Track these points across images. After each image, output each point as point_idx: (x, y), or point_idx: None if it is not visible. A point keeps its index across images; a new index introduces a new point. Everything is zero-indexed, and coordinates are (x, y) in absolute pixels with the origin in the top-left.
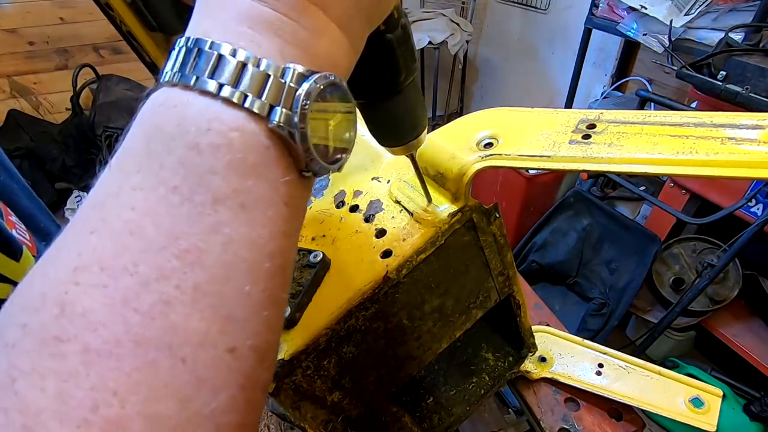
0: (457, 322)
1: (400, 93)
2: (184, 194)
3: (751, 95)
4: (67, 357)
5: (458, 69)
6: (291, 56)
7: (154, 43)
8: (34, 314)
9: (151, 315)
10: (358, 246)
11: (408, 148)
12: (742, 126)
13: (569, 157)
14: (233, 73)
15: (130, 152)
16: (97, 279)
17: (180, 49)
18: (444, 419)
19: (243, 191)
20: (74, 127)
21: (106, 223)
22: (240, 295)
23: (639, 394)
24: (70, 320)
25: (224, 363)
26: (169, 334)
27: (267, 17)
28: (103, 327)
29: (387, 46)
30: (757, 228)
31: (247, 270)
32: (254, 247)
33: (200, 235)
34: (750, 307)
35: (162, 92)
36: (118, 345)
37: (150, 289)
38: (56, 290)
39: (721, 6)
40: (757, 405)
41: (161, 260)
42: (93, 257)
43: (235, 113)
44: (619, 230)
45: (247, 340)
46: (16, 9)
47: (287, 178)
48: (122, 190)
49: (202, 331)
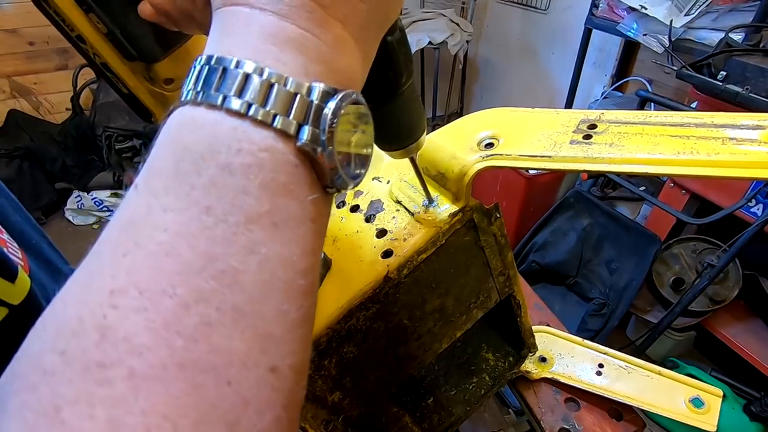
0: (457, 322)
1: (400, 96)
2: (217, 215)
3: (751, 95)
4: (113, 383)
5: (458, 69)
6: (314, 73)
7: (131, 72)
8: (73, 339)
9: (194, 337)
10: (359, 246)
11: (408, 151)
12: (743, 126)
13: (570, 158)
14: (260, 92)
15: (157, 172)
16: (136, 302)
17: (202, 67)
18: (444, 419)
19: (275, 210)
20: (74, 127)
21: (139, 246)
22: (278, 314)
23: (639, 394)
24: (113, 345)
25: (267, 383)
26: (213, 356)
27: (290, 34)
28: (147, 351)
29: (388, 49)
30: (757, 228)
31: (283, 289)
32: (288, 265)
33: (236, 256)
34: (750, 308)
35: (186, 111)
36: (164, 369)
37: (191, 312)
38: (94, 314)
39: (721, 6)
40: (757, 405)
41: (199, 282)
42: (129, 280)
43: (264, 133)
44: (619, 230)
45: (287, 359)
46: (16, 9)
47: (314, 196)
48: (152, 211)
49: (244, 352)
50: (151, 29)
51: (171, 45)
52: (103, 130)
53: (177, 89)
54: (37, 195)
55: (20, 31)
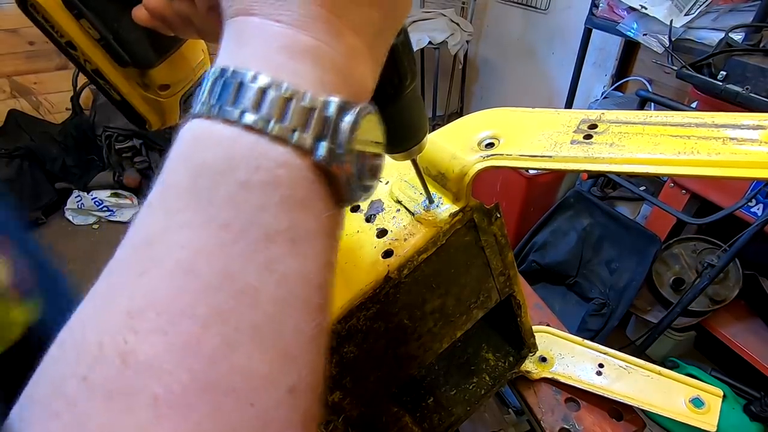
0: (457, 322)
1: (403, 99)
2: (235, 232)
3: (751, 95)
4: (136, 411)
5: (458, 69)
6: (330, 85)
7: (124, 78)
8: (94, 365)
9: (214, 359)
10: (359, 246)
11: (410, 153)
12: (744, 126)
13: (571, 157)
14: (277, 107)
15: (173, 189)
16: (155, 324)
17: (216, 80)
18: (444, 419)
19: (293, 227)
20: (74, 127)
21: (156, 264)
22: (296, 331)
23: (639, 394)
24: (135, 371)
25: (287, 403)
26: (233, 378)
27: (305, 45)
28: (168, 375)
29: (394, 52)
30: (757, 228)
31: (300, 306)
32: (305, 281)
33: (255, 273)
34: (750, 307)
35: (201, 125)
36: (185, 393)
37: (211, 332)
38: (114, 339)
39: (721, 6)
40: (757, 405)
41: (219, 301)
42: (147, 301)
43: (281, 149)
44: (620, 230)
45: (305, 378)
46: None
47: (330, 210)
48: (169, 228)
49: (265, 372)
50: (145, 34)
51: (166, 50)
52: (103, 130)
53: (172, 95)
54: (37, 195)
55: (20, 31)
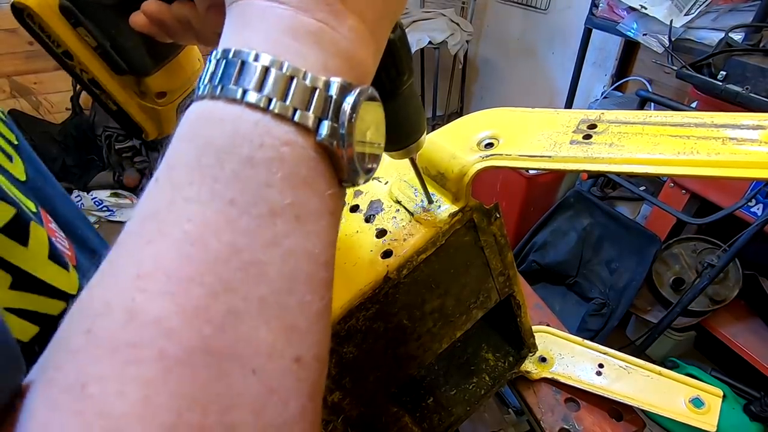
0: (457, 323)
1: (401, 96)
2: (241, 207)
3: (751, 95)
4: (144, 363)
5: (458, 69)
6: (333, 66)
7: (121, 87)
8: (98, 320)
9: (222, 326)
10: (358, 246)
11: (408, 152)
12: (743, 126)
13: (570, 157)
14: (280, 86)
15: (179, 165)
16: (164, 287)
17: (219, 61)
18: (444, 419)
19: (297, 204)
20: (74, 127)
21: (163, 234)
22: (302, 305)
23: (639, 394)
24: (142, 326)
25: (292, 373)
26: (240, 346)
27: (308, 27)
28: (177, 335)
29: (391, 47)
30: (757, 228)
31: (306, 281)
32: (311, 257)
33: (261, 248)
34: (750, 307)
35: (205, 105)
36: (192, 354)
37: (219, 301)
38: (121, 297)
39: (721, 6)
40: (757, 405)
41: (226, 272)
42: (156, 266)
43: (285, 127)
44: (619, 230)
45: (311, 350)
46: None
47: (332, 190)
48: (175, 202)
49: (270, 342)
50: (142, 41)
51: (163, 57)
52: (103, 130)
53: (169, 103)
54: None
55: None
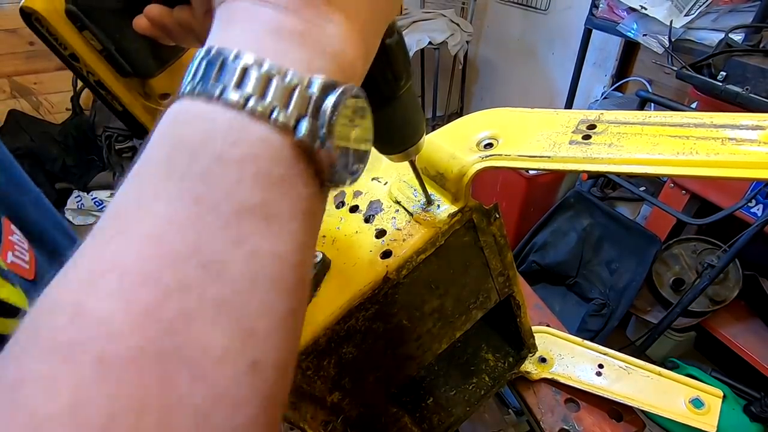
0: (457, 323)
1: (399, 99)
2: (207, 205)
3: (751, 96)
4: (81, 363)
5: (458, 69)
6: (316, 67)
7: (126, 89)
8: (44, 317)
9: (172, 328)
10: (358, 246)
11: (407, 154)
12: (743, 127)
13: (569, 158)
14: (259, 84)
15: (149, 162)
16: (115, 286)
17: (201, 60)
18: (444, 420)
19: (267, 203)
20: (74, 128)
21: (125, 232)
22: (263, 308)
23: (639, 394)
24: (85, 326)
25: (245, 379)
26: (188, 348)
27: (293, 27)
28: (121, 336)
29: (387, 51)
30: (757, 228)
31: (270, 283)
32: (278, 259)
33: (224, 247)
34: (750, 308)
35: (183, 104)
36: (134, 356)
37: (171, 300)
38: (71, 295)
39: (721, 6)
40: (757, 405)
41: (185, 271)
42: (111, 264)
43: (261, 126)
44: (619, 231)
45: (269, 355)
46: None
47: (310, 191)
48: (142, 198)
49: (223, 346)
50: (146, 44)
51: (167, 59)
52: (103, 130)
53: None
54: None
55: (20, 31)
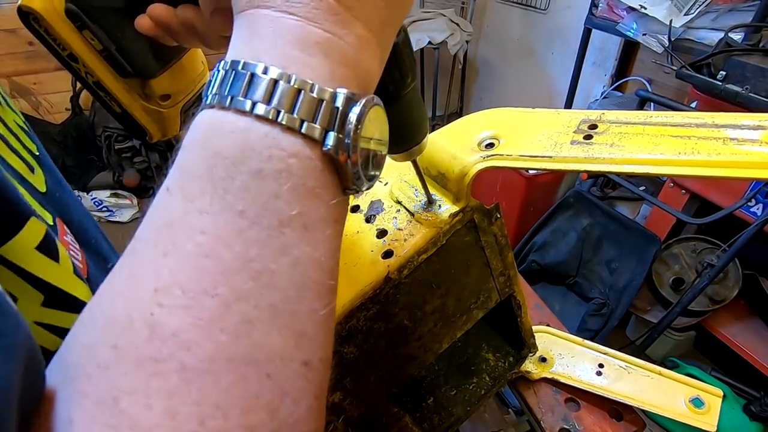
0: (457, 323)
1: (404, 98)
2: (251, 218)
3: (750, 95)
4: (167, 376)
5: (458, 69)
6: (340, 77)
7: (125, 90)
8: (123, 335)
9: (237, 334)
10: (359, 246)
11: (411, 154)
12: (744, 126)
13: (571, 158)
14: (288, 98)
15: (190, 176)
16: (180, 301)
17: (227, 72)
18: (444, 419)
19: (304, 213)
20: (74, 128)
21: (177, 246)
22: (310, 312)
23: (639, 394)
24: (162, 341)
25: (302, 375)
26: (254, 351)
27: (316, 38)
28: (196, 346)
29: (395, 50)
30: (757, 228)
31: (314, 288)
32: (318, 265)
33: (271, 257)
34: (750, 307)
35: (214, 115)
36: (212, 362)
37: (232, 310)
38: (141, 311)
39: (720, 6)
40: (756, 405)
41: (238, 282)
42: (172, 279)
43: (292, 139)
44: (619, 230)
45: (317, 353)
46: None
47: (337, 199)
48: (188, 213)
49: (282, 347)
50: (147, 44)
51: (168, 60)
52: (103, 130)
53: (173, 105)
54: None
55: (20, 32)
